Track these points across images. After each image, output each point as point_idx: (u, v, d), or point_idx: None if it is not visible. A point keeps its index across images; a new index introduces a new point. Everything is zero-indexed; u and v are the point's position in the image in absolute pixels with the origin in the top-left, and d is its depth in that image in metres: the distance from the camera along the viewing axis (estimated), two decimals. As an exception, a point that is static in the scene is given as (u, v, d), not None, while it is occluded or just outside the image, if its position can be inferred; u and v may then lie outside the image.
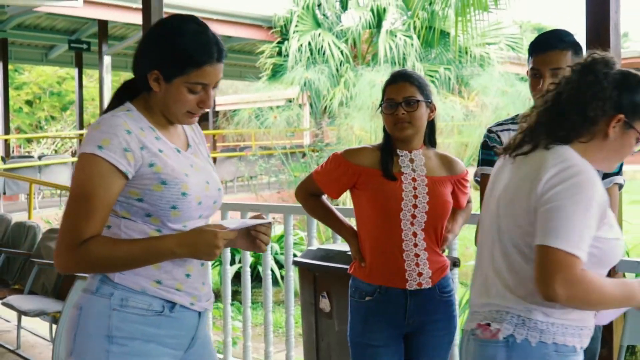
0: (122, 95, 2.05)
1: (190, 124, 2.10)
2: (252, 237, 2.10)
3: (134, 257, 1.92)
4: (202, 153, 2.16)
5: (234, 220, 2.10)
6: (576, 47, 2.52)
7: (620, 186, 2.61)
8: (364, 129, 10.84)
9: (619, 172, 2.58)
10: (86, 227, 1.88)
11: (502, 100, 10.30)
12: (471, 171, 2.91)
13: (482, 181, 2.70)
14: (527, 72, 2.63)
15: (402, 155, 2.79)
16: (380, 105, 2.80)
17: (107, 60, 13.07)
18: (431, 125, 2.86)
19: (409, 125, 2.73)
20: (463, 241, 10.10)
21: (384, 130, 2.83)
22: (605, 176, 2.55)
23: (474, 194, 2.93)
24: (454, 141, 10.38)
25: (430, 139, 2.88)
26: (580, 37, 3.12)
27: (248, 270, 4.28)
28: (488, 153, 2.68)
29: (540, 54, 2.54)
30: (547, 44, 2.53)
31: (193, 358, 2.10)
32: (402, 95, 2.74)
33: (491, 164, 2.57)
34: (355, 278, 2.78)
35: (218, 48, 1.96)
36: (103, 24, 13.33)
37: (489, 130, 2.69)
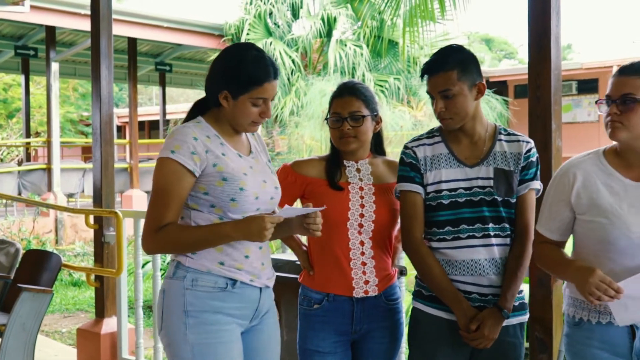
0: (195, 111, 2.53)
1: (254, 131, 2.56)
2: (305, 226, 2.52)
3: (199, 239, 2.36)
4: (262, 158, 2.61)
5: (287, 210, 2.49)
6: (463, 64, 2.56)
7: (537, 191, 2.68)
8: (314, 138, 10.86)
9: (534, 178, 2.65)
10: (164, 216, 2.35)
11: None
12: None
13: (401, 197, 2.70)
14: None
15: (348, 166, 2.84)
16: (327, 118, 2.85)
17: (55, 66, 12.82)
18: (378, 136, 2.91)
19: (354, 139, 2.78)
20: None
21: (331, 140, 2.88)
22: (520, 182, 2.63)
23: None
24: None
25: (377, 149, 2.93)
26: (525, 49, 3.20)
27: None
28: (404, 169, 2.68)
29: (428, 79, 2.59)
30: (432, 69, 2.58)
31: (259, 327, 2.54)
32: (348, 110, 2.78)
33: (408, 180, 2.67)
34: (304, 286, 2.84)
35: (274, 69, 2.44)
36: (50, 30, 13.07)
37: (405, 147, 2.71)
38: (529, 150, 2.64)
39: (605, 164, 2.40)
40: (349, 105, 2.78)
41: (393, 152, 11.34)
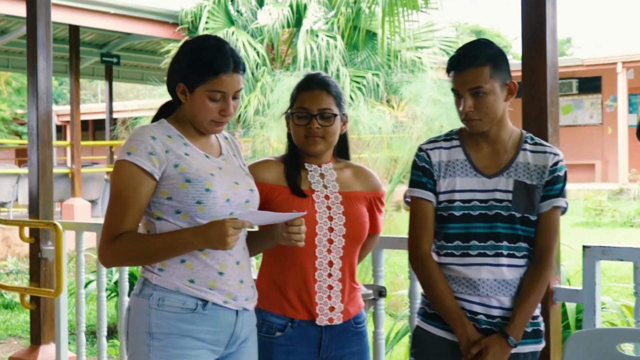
0: (160, 115, 2.61)
1: (217, 132, 2.58)
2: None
3: (158, 247, 2.40)
4: (235, 161, 2.65)
5: (253, 214, 2.46)
6: (495, 60, 2.59)
7: (563, 210, 2.69)
8: (282, 140, 10.57)
9: (559, 194, 2.66)
10: (120, 224, 2.41)
11: (434, 110, 10.30)
12: (402, 190, 2.90)
13: (412, 204, 2.73)
14: None
15: (311, 170, 2.81)
16: (289, 113, 2.82)
17: (-16, 57, 12.70)
18: (343, 138, 2.89)
19: (322, 140, 2.76)
20: (392, 267, 10.16)
21: (289, 138, 2.84)
22: (543, 198, 2.65)
23: (400, 216, 2.97)
24: (382, 156, 10.33)
25: (340, 152, 2.91)
26: (519, 42, 3.24)
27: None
28: (416, 173, 2.72)
29: (456, 74, 2.61)
30: (461, 63, 2.60)
31: (236, 355, 2.57)
32: (318, 107, 2.75)
33: (419, 185, 2.70)
34: (263, 310, 2.75)
35: (234, 59, 2.47)
36: (-20, 16, 12.95)
37: (420, 149, 2.74)
38: (556, 164, 2.66)
39: None
40: (319, 101, 2.76)
41: (371, 158, 11.26)
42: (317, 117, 2.74)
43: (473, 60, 2.57)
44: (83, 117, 20.02)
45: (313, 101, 2.76)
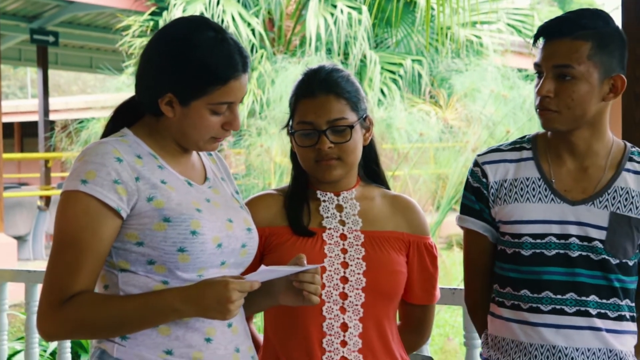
0: (118, 120, 2.59)
1: (214, 149, 2.61)
2: (296, 290, 2.50)
3: (128, 316, 2.35)
4: (225, 189, 2.67)
5: (264, 272, 2.40)
6: (603, 39, 2.55)
7: None
8: (287, 153, 10.63)
9: None
10: (71, 282, 2.35)
11: (498, 109, 10.40)
12: (453, 221, 3.07)
13: (464, 236, 2.85)
14: None
15: (324, 200, 2.83)
16: (289, 127, 2.84)
17: None
18: (369, 151, 2.90)
19: (339, 163, 2.75)
20: (442, 328, 10.15)
21: (293, 158, 2.87)
22: None
23: (453, 256, 3.00)
24: (426, 173, 10.48)
25: (368, 172, 2.93)
26: (619, 13, 3.18)
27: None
28: (468, 197, 2.78)
29: (543, 45, 2.60)
30: (555, 30, 2.58)
31: None
32: (326, 118, 2.74)
33: (472, 213, 2.77)
34: None
35: (241, 56, 2.46)
36: None
37: (475, 162, 2.78)
38: None
39: None
40: (327, 109, 2.75)
41: (411, 175, 11.16)
42: (327, 133, 2.74)
43: (572, 29, 2.55)
44: (5, 119, 19.87)
45: (318, 111, 2.76)
